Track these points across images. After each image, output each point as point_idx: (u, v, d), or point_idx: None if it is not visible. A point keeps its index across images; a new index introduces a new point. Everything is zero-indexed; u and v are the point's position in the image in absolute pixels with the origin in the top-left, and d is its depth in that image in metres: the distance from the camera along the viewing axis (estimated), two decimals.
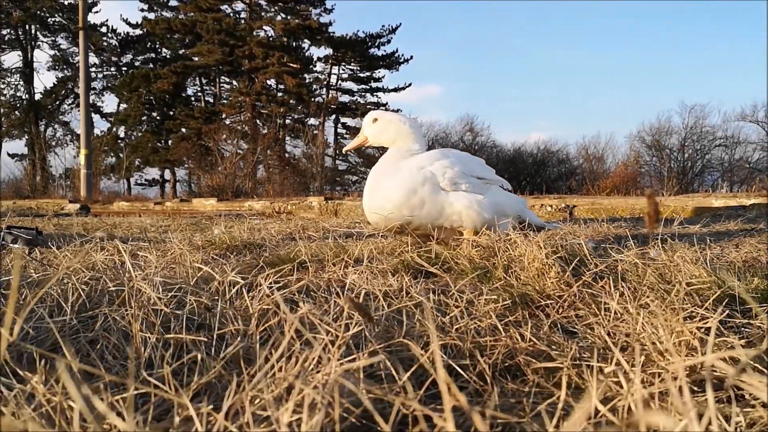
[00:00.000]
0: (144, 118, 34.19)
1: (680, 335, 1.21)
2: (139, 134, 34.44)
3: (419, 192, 2.83)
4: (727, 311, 1.54)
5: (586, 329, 1.50)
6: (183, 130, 31.62)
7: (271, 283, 1.67)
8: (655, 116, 53.24)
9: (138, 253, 2.03)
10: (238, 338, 1.24)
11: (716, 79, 52.68)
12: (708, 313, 1.37)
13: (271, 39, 30.68)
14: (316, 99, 32.25)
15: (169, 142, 32.84)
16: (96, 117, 34.85)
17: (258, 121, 30.81)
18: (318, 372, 1.00)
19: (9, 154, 34.69)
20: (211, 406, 0.84)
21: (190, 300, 1.49)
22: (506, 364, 1.33)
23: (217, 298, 1.52)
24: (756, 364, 1.10)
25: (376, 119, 3.21)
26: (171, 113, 33.13)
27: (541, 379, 1.23)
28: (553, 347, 1.39)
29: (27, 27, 33.16)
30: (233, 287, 1.56)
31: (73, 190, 22.27)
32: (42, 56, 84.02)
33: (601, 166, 30.87)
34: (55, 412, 0.83)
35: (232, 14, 31.96)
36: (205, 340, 1.19)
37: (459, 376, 1.24)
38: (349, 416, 0.92)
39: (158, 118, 34.01)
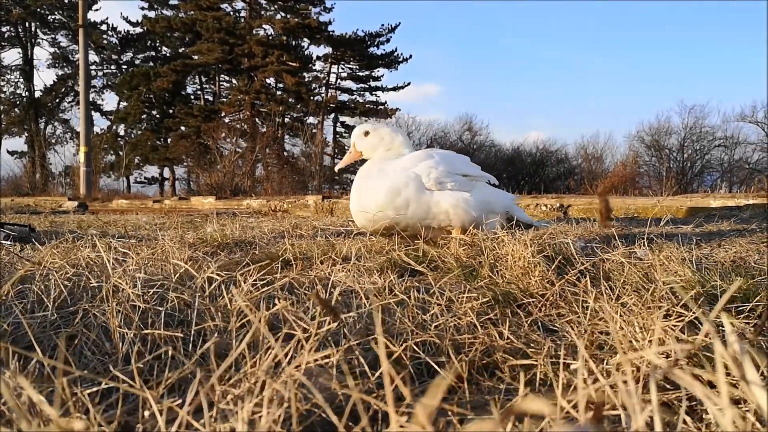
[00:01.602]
0: (144, 116, 34.18)
1: (655, 333, 1.22)
2: (139, 132, 34.45)
3: (403, 193, 2.85)
4: (703, 310, 1.55)
5: (566, 327, 1.51)
6: (182, 128, 31.61)
7: (255, 281, 1.68)
8: (655, 116, 53.16)
9: (125, 250, 2.04)
10: (215, 334, 1.25)
11: (716, 79, 52.65)
12: (686, 311, 1.38)
13: (270, 37, 30.67)
14: (315, 98, 32.23)
15: (169, 140, 32.85)
16: (96, 115, 34.83)
17: (257, 119, 30.82)
18: (296, 366, 1.01)
19: (9, 152, 34.70)
20: (180, 401, 0.85)
21: (171, 297, 1.49)
22: (484, 362, 1.34)
23: (199, 294, 1.53)
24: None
25: (367, 132, 3.22)
26: (170, 111, 33.13)
27: (516, 375, 1.24)
28: (532, 345, 1.40)
29: (27, 24, 33.16)
30: (211, 284, 1.56)
31: (73, 188, 22.25)
32: (42, 54, 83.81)
33: (600, 166, 30.84)
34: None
35: (231, 13, 31.95)
36: (182, 336, 1.20)
37: (437, 374, 1.25)
38: (318, 410, 0.93)
39: (158, 116, 33.99)
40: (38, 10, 32.04)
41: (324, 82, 33.87)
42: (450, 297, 1.65)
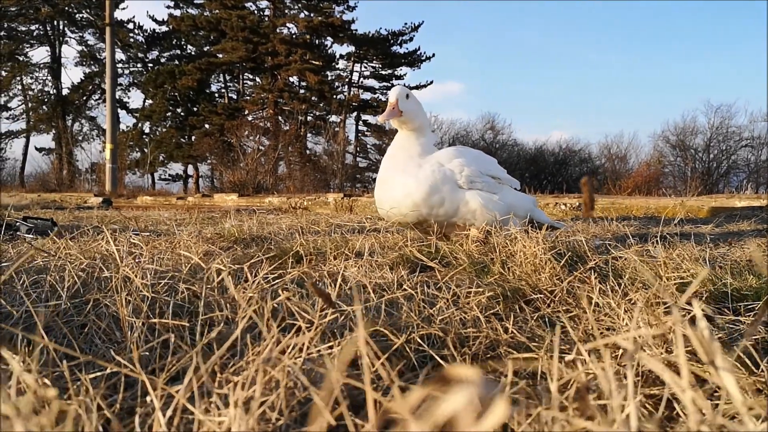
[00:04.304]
0: (168, 113, 34.49)
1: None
2: (164, 130, 34.78)
3: (441, 191, 2.83)
4: (715, 307, 1.55)
5: (571, 323, 1.51)
6: (206, 126, 31.89)
7: (266, 274, 1.70)
8: (680, 116, 52.56)
9: (138, 243, 2.08)
10: (221, 324, 1.27)
11: (743, 79, 51.83)
12: (691, 307, 1.38)
13: (294, 36, 30.83)
14: (338, 96, 32.30)
15: (193, 138, 33.13)
16: (122, 112, 35.21)
17: (280, 117, 30.99)
18: (297, 355, 1.03)
19: (37, 148, 35.29)
20: (180, 387, 0.87)
21: (181, 288, 1.52)
22: (488, 355, 1.35)
23: (209, 286, 1.55)
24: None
25: (408, 95, 3.02)
26: (195, 109, 33.40)
27: (518, 369, 1.25)
28: (536, 339, 1.40)
29: (55, 23, 33.67)
30: (220, 276, 1.59)
31: (99, 185, 22.60)
32: (69, 52, 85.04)
33: (624, 166, 30.57)
34: (28, 389, 0.87)
35: (256, 11, 32.13)
36: (188, 325, 1.22)
37: (440, 367, 1.26)
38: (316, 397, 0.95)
39: (182, 114, 34.29)
40: (66, 8, 32.50)
41: (347, 80, 33.96)
42: (458, 292, 1.66)
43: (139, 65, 36.75)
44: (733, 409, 0.83)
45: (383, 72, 34.10)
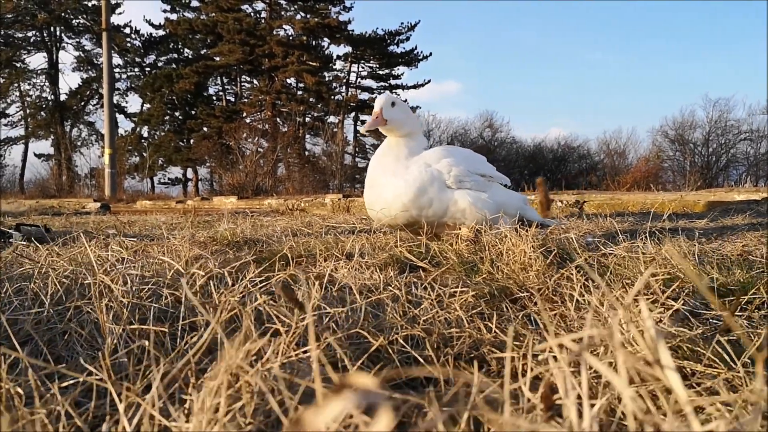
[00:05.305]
0: (167, 117, 34.52)
1: (638, 325, 1.22)
2: (162, 134, 34.81)
3: (429, 192, 2.82)
4: (700, 303, 1.55)
5: (557, 321, 1.51)
6: (204, 129, 31.89)
7: (253, 277, 1.70)
8: (679, 110, 52.46)
9: (119, 249, 2.08)
10: (203, 329, 1.27)
11: (741, 72, 51.79)
12: (674, 302, 1.38)
13: (290, 38, 30.84)
14: (336, 97, 32.34)
15: (191, 141, 33.15)
16: (120, 117, 35.23)
17: (278, 119, 31.00)
18: (275, 359, 1.03)
19: (35, 155, 35.38)
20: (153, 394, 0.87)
21: (165, 293, 1.52)
22: (471, 355, 1.35)
23: (192, 291, 1.55)
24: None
25: (394, 103, 3.00)
26: (193, 113, 33.43)
27: (501, 368, 1.25)
28: (520, 338, 1.40)
29: (52, 29, 33.69)
30: (200, 280, 1.59)
31: (98, 190, 22.62)
32: (67, 57, 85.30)
33: (623, 162, 30.56)
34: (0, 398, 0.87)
35: (252, 14, 32.16)
36: (167, 330, 1.22)
37: (424, 368, 1.26)
38: (291, 401, 0.94)
39: (180, 117, 34.32)
40: (63, 14, 32.53)
41: (344, 81, 33.98)
42: (443, 292, 1.66)
43: (136, 69, 36.80)
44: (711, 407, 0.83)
45: (381, 72, 34.11)
